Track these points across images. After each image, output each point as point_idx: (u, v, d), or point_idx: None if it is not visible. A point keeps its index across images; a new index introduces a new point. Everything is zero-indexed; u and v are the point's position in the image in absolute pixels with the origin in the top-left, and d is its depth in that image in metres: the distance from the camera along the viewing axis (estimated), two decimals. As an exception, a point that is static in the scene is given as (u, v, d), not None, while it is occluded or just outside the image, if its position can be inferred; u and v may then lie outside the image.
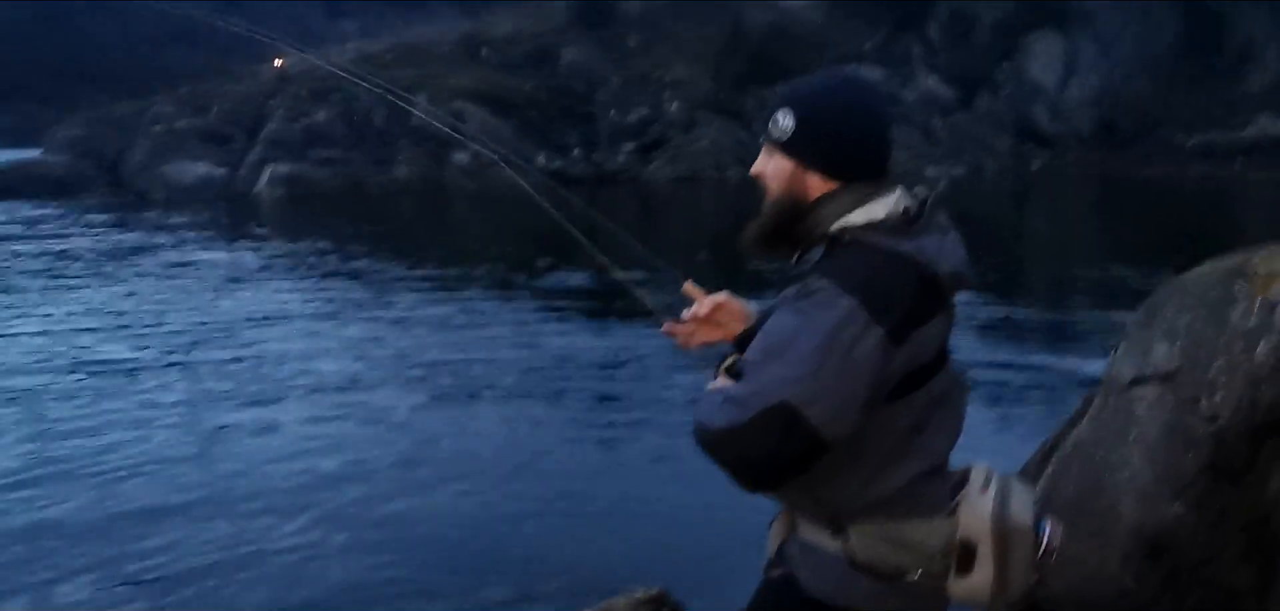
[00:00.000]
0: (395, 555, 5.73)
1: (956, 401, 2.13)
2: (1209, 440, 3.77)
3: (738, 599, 2.26)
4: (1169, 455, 3.86)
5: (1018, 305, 15.81)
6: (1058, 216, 30.53)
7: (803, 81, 2.18)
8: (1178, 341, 3.96)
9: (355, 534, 5.89)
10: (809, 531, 2.10)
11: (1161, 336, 4.03)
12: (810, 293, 1.92)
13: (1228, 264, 4.02)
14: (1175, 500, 3.82)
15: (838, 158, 2.05)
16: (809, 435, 1.86)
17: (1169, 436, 3.88)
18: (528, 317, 12.85)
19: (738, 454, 1.94)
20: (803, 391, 1.85)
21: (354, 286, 15.78)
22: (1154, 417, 3.95)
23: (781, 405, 1.85)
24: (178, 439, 7.69)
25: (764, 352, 1.93)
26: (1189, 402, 3.85)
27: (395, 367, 10.03)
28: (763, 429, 1.87)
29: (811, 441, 1.87)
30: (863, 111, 2.09)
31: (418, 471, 7.06)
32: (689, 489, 6.62)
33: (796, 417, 1.85)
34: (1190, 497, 3.80)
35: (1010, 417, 8.39)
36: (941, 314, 2.02)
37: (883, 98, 2.19)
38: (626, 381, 9.75)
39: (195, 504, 6.23)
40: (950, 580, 2.02)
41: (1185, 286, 4.10)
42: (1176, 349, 3.95)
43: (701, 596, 4.69)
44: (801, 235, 2.09)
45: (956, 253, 2.06)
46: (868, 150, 2.08)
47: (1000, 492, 2.04)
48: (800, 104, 2.08)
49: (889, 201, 2.03)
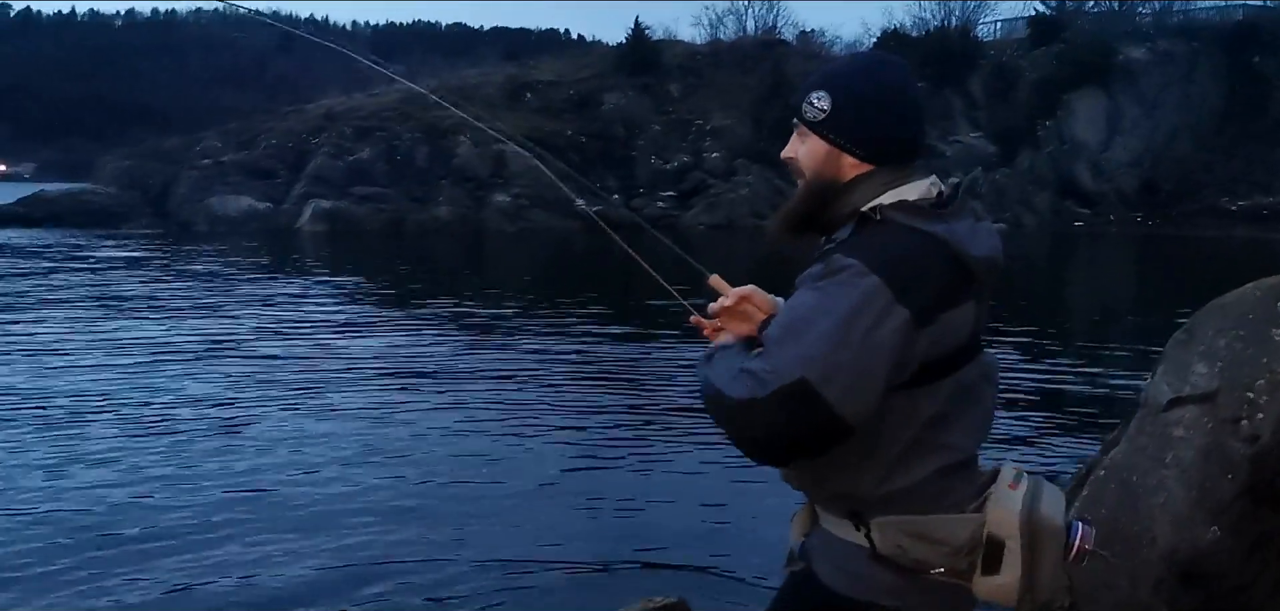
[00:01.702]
0: (416, 555, 5.74)
1: (985, 395, 2.05)
2: (1248, 463, 3.67)
3: (754, 607, 2.20)
4: (1206, 478, 3.76)
5: (1055, 334, 15.82)
6: (1099, 266, 30.31)
7: (836, 63, 2.16)
8: (1217, 362, 3.87)
9: (377, 534, 5.91)
10: (830, 523, 2.05)
11: (1200, 357, 3.93)
12: (835, 270, 1.87)
13: (1270, 283, 3.93)
14: (1212, 524, 3.71)
15: (872, 139, 2.02)
16: (826, 414, 1.80)
17: (1207, 459, 3.78)
18: (560, 343, 12.95)
19: (751, 427, 1.87)
20: (821, 370, 1.79)
21: (387, 312, 15.92)
22: (1192, 440, 3.85)
23: (799, 382, 1.80)
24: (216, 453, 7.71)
25: (784, 329, 1.88)
26: (1228, 424, 3.75)
27: (428, 387, 10.08)
28: (779, 405, 1.81)
29: (828, 421, 1.81)
30: (897, 92, 2.07)
31: (444, 482, 7.07)
32: (709, 500, 6.69)
33: (814, 396, 1.79)
34: (1227, 522, 3.69)
35: (1045, 443, 8.29)
36: (973, 300, 1.96)
37: (915, 81, 2.15)
38: (652, 401, 9.77)
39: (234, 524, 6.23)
40: (976, 578, 1.95)
41: (1225, 307, 4.01)
42: (1216, 369, 3.86)
43: (718, 605, 4.61)
44: (832, 218, 2.06)
45: (990, 239, 2.02)
46: (902, 131, 2.05)
47: (1030, 490, 1.98)
48: (835, 85, 2.06)
49: (922, 185, 2.00)
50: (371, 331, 14.21)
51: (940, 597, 1.98)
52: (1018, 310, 17.76)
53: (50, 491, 6.71)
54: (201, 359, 11.67)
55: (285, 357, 11.76)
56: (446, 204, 40.60)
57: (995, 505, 1.95)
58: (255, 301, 17.26)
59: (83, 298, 17.47)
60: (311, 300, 17.83)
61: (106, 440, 8.03)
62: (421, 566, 5.60)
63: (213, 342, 12.74)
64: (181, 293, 18.48)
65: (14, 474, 7.09)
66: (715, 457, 7.40)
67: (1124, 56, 47.97)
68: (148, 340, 12.94)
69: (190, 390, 9.90)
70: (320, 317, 15.51)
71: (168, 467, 7.29)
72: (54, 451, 7.64)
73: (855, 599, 1.99)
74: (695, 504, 6.64)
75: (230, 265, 24.21)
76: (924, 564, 1.94)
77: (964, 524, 1.94)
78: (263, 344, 12.73)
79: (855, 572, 1.99)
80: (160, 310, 16.01)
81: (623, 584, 5.14)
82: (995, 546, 1.93)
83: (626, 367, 11.58)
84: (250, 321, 14.80)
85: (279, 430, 8.39)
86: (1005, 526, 1.93)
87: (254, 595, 5.10)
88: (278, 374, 10.80)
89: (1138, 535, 3.88)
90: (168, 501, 6.55)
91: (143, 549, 5.72)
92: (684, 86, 50.34)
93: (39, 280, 20.24)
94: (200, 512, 6.33)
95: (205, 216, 39.53)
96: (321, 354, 12.13)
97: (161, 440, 8.07)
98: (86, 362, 11.31)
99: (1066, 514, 2.01)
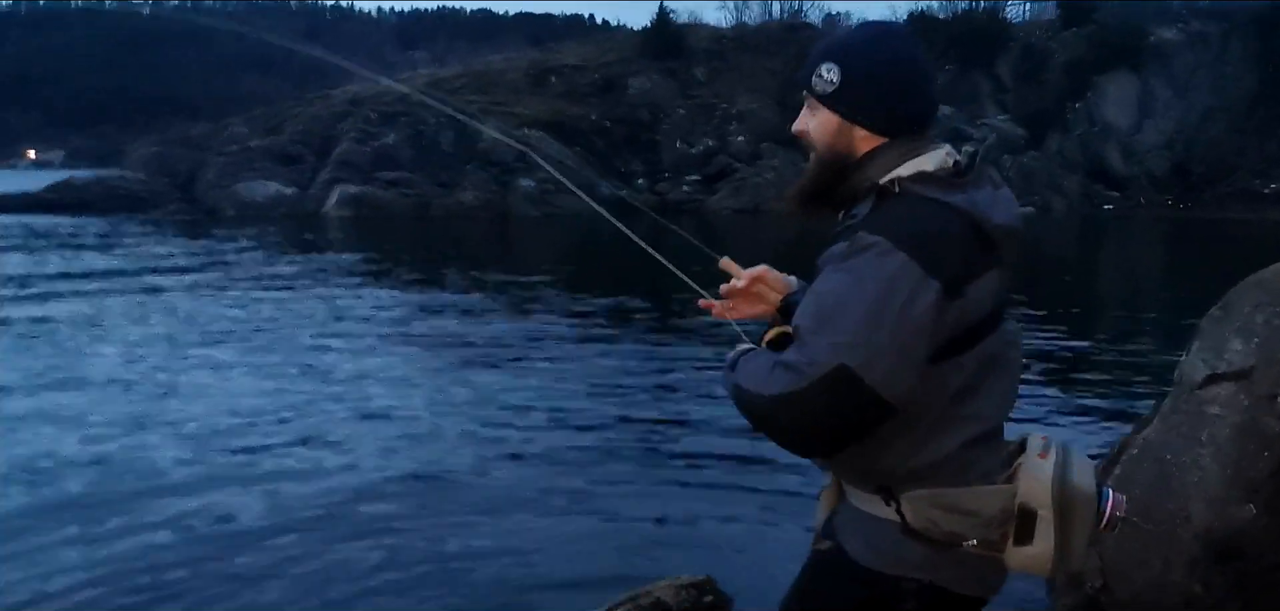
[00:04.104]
0: (437, 530, 5.79)
1: (1011, 364, 2.02)
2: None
3: (782, 585, 2.18)
4: (1242, 456, 3.70)
5: (1086, 312, 15.74)
6: (1130, 248, 30.07)
7: (845, 34, 2.12)
8: (1254, 338, 3.80)
9: (408, 513, 5.95)
10: (859, 499, 2.03)
11: (1236, 333, 3.87)
12: (860, 249, 1.84)
13: (1309, 258, 3.86)
14: (1247, 502, 3.65)
15: (884, 111, 1.99)
16: (870, 399, 1.79)
17: (1242, 436, 3.72)
18: (583, 329, 12.98)
19: (796, 421, 1.85)
20: (859, 354, 1.77)
21: (412, 297, 15.96)
22: (1227, 417, 3.79)
23: (840, 370, 1.78)
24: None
25: (816, 317, 1.85)
26: (1264, 400, 3.69)
27: (453, 374, 10.10)
28: (822, 395, 1.79)
29: (873, 405, 1.80)
30: (908, 63, 2.03)
31: (469, 460, 7.12)
32: (736, 480, 6.70)
33: (856, 382, 1.77)
34: (1263, 500, 3.63)
35: (1077, 422, 8.22)
36: (995, 269, 1.92)
37: (924, 50, 2.10)
38: (676, 384, 9.75)
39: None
40: (1008, 549, 1.92)
41: (1262, 282, 3.94)
42: (1253, 346, 3.80)
43: (745, 583, 4.59)
44: (846, 193, 2.03)
45: (1010, 207, 1.99)
46: (914, 103, 2.02)
47: (1061, 459, 1.95)
48: (844, 57, 2.02)
49: (938, 155, 1.97)
50: (400, 317, 14.26)
51: (972, 569, 1.96)
52: (1048, 288, 17.66)
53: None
54: (222, 344, 11.73)
55: (314, 345, 11.81)
56: (472, 189, 40.65)
57: (1026, 475, 1.92)
58: (280, 284, 17.35)
59: (113, 280, 17.62)
60: (337, 286, 17.88)
61: (121, 427, 8.07)
62: (443, 540, 5.63)
63: (231, 324, 12.83)
64: (207, 278, 18.57)
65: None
66: (741, 438, 7.38)
67: (1155, 37, 47.49)
68: (171, 324, 13.04)
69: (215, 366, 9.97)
70: (348, 305, 15.56)
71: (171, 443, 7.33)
72: (90, 442, 7.69)
73: (886, 573, 1.96)
74: (722, 483, 6.64)
75: (257, 249, 24.36)
76: (956, 536, 1.91)
77: (995, 495, 1.91)
78: (282, 330, 12.79)
79: (886, 547, 1.97)
80: (187, 296, 16.10)
81: (649, 561, 5.14)
82: (1027, 516, 1.90)
83: (652, 348, 11.59)
84: (273, 307, 14.87)
85: (318, 422, 8.41)
86: (1037, 496, 1.90)
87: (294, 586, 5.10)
88: (303, 359, 10.86)
89: (1172, 513, 3.82)
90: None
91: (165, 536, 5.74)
92: (709, 70, 50.22)
93: (67, 262, 20.46)
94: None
95: (232, 202, 39.78)
96: (351, 342, 12.17)
97: (186, 424, 8.12)
98: (115, 346, 11.40)
99: (1096, 478, 1.98)
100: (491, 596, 4.89)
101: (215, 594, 4.95)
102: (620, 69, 49.93)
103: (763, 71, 48.13)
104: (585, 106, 46.41)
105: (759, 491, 6.37)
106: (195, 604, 4.85)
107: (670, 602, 4.10)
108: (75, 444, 7.53)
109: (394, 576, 5.15)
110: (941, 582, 1.95)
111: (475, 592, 4.94)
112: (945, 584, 1.95)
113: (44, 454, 7.24)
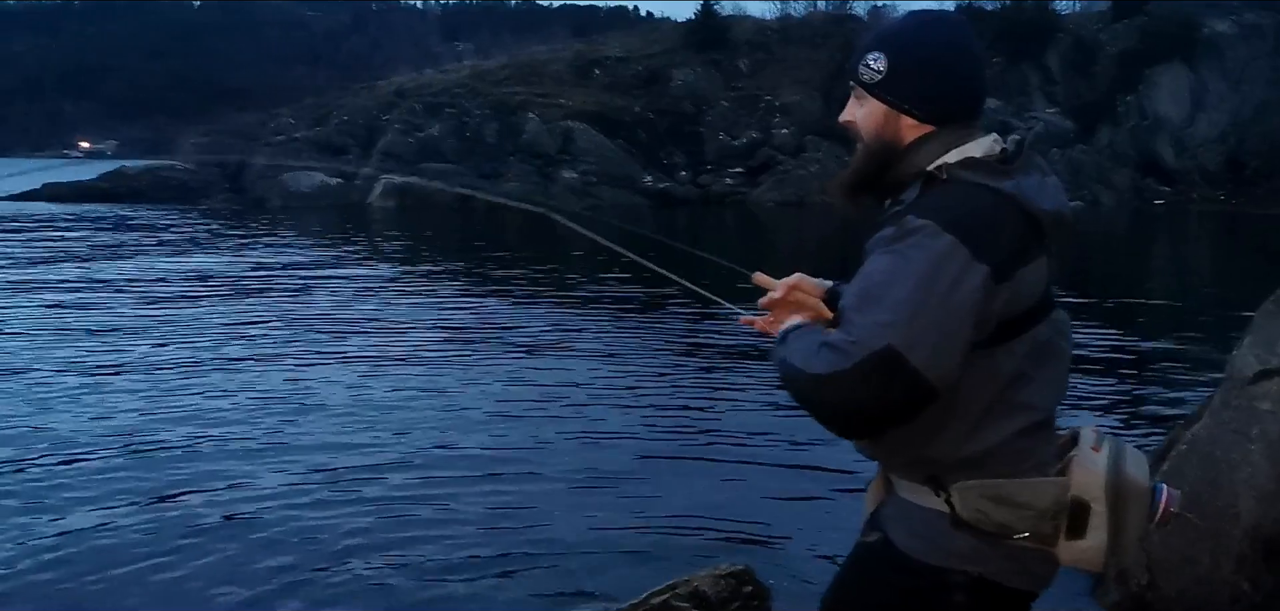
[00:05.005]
0: (480, 517, 5.81)
1: (1062, 353, 2.00)
2: (1338, 436, 3.53)
3: (822, 577, 2.17)
4: (1293, 452, 3.63)
5: (1135, 305, 15.53)
6: (1183, 242, 29.60)
7: (892, 23, 2.11)
8: (1307, 333, 3.73)
9: (453, 507, 5.95)
10: (907, 490, 2.00)
11: (1289, 327, 3.79)
12: (907, 231, 1.83)
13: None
14: (1299, 500, 3.58)
15: (931, 99, 1.98)
16: (914, 380, 1.77)
17: (1294, 433, 3.64)
18: (622, 317, 13.03)
19: (839, 401, 1.83)
20: (904, 335, 1.76)
21: (452, 284, 16.08)
22: (1278, 413, 3.72)
23: (885, 350, 1.76)
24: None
25: (861, 297, 1.84)
26: (1318, 397, 3.61)
27: (492, 361, 10.17)
28: (865, 376, 1.78)
29: (917, 387, 1.78)
30: (956, 51, 2.01)
31: (511, 451, 7.12)
32: (776, 470, 6.66)
33: (900, 363, 1.76)
34: (1316, 497, 3.56)
35: (1126, 417, 8.09)
36: (1044, 256, 1.91)
37: (974, 38, 2.09)
38: (716, 373, 9.72)
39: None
40: (1060, 542, 1.89)
41: (1316, 276, 3.86)
42: (1306, 341, 3.72)
43: (785, 574, 4.57)
44: (893, 182, 2.02)
45: (1057, 193, 1.97)
46: (962, 91, 2.00)
47: (1114, 452, 1.92)
48: (892, 46, 2.01)
49: (984, 143, 1.96)
50: (439, 303, 14.37)
51: (1023, 563, 1.93)
52: (1097, 281, 17.43)
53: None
54: (265, 336, 11.87)
55: (349, 330, 11.93)
56: (515, 180, 40.85)
57: (1080, 467, 1.89)
58: (327, 273, 17.55)
59: (168, 270, 17.91)
60: (381, 273, 18.06)
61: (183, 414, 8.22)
62: (480, 523, 5.67)
63: (277, 315, 12.98)
64: (251, 271, 18.83)
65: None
66: (783, 427, 7.36)
67: (1208, 29, 46.73)
68: (217, 313, 13.23)
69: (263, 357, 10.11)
70: (389, 291, 15.72)
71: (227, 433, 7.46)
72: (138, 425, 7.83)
73: (933, 565, 1.94)
74: (762, 474, 6.61)
75: (303, 240, 24.65)
76: (1007, 528, 1.89)
77: (1047, 487, 1.89)
78: (315, 314, 12.92)
79: (934, 538, 1.94)
80: (230, 286, 16.34)
81: (689, 552, 5.12)
82: (1081, 509, 1.88)
83: (692, 337, 11.58)
84: (327, 296, 15.05)
85: (357, 399, 8.52)
86: (1091, 489, 1.88)
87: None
88: (350, 344, 10.98)
89: (1220, 510, 3.76)
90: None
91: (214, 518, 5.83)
92: (753, 62, 50.08)
93: (122, 248, 20.84)
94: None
95: (279, 192, 40.27)
96: (392, 328, 12.28)
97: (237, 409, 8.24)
98: (164, 335, 11.58)
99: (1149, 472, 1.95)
100: (529, 581, 4.90)
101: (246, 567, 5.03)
102: (664, 61, 49.92)
103: (807, 64, 47.89)
104: (629, 98, 46.45)
105: (801, 482, 6.33)
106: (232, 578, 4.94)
107: (709, 592, 4.09)
108: (144, 417, 7.74)
109: (430, 559, 5.19)
110: (990, 575, 1.92)
111: (513, 577, 4.95)
112: (994, 576, 1.93)
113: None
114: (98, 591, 4.78)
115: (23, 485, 6.21)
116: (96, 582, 4.85)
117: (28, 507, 5.81)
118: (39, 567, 4.99)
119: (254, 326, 12.04)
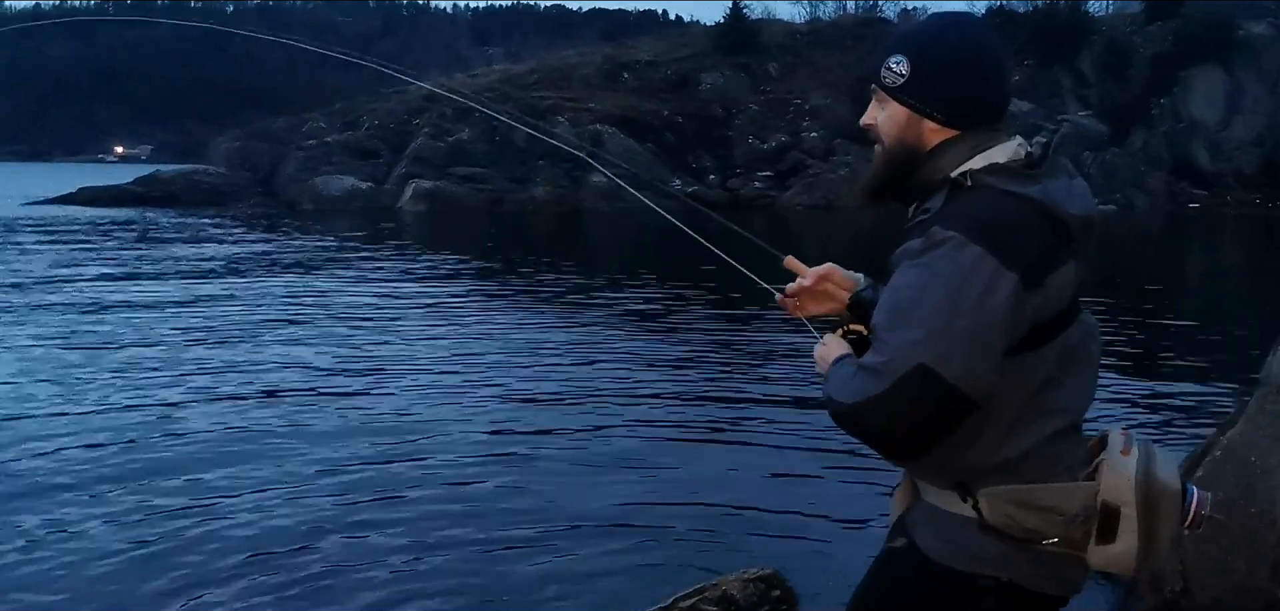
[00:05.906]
0: (508, 517, 5.84)
1: (1091, 357, 1.99)
2: (1378, 442, 3.47)
3: (850, 581, 2.16)
4: (1332, 458, 3.57)
5: (1169, 309, 15.38)
6: (1219, 246, 29.27)
7: (914, 25, 2.11)
8: (1345, 337, 3.67)
9: (479, 507, 5.99)
10: (934, 496, 1.99)
11: (1327, 332, 3.73)
12: (934, 244, 1.82)
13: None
14: (1337, 507, 3.52)
15: (954, 103, 1.96)
16: (949, 394, 1.76)
17: (1333, 439, 3.58)
18: (652, 318, 13.08)
19: (880, 424, 1.83)
20: (936, 350, 1.75)
21: (483, 285, 16.16)
22: (1316, 419, 3.66)
23: (919, 369, 1.76)
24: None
25: (892, 314, 1.83)
26: (1356, 402, 3.55)
27: (523, 359, 10.22)
28: (902, 396, 1.78)
29: (954, 400, 1.77)
30: (978, 53, 2.00)
31: (542, 449, 7.19)
32: (804, 475, 6.65)
33: (934, 378, 1.75)
34: (1355, 505, 3.50)
35: (1159, 422, 8.00)
36: (1072, 261, 1.90)
37: (996, 40, 2.07)
38: (748, 377, 9.69)
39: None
40: (1090, 547, 1.87)
41: (1355, 279, 3.80)
42: (1343, 345, 3.66)
43: (814, 579, 4.55)
44: (916, 186, 2.01)
45: (1085, 197, 1.95)
46: (985, 94, 1.98)
47: (1144, 455, 1.90)
48: (914, 49, 2.00)
49: (1009, 147, 1.95)
50: (470, 303, 14.47)
51: (1050, 568, 1.92)
52: (1130, 285, 17.25)
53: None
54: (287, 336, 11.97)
55: (381, 334, 12.00)
56: (544, 184, 40.99)
57: (1109, 471, 1.87)
58: (359, 274, 17.67)
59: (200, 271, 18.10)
60: (411, 274, 18.17)
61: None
62: (508, 523, 5.69)
63: (305, 317, 13.08)
64: (278, 272, 18.98)
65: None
66: (810, 433, 7.34)
67: (1244, 31, 46.16)
68: (245, 314, 13.34)
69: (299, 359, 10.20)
70: (417, 291, 15.81)
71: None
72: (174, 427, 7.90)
73: (960, 570, 1.93)
74: (790, 479, 6.60)
75: (335, 242, 24.85)
76: (1036, 534, 1.87)
77: (1076, 492, 1.87)
78: (348, 320, 13.01)
79: (961, 543, 1.93)
80: (266, 281, 16.47)
81: (715, 554, 5.11)
82: (1110, 514, 1.85)
83: (722, 339, 11.59)
84: (371, 293, 15.17)
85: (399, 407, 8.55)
86: (1120, 493, 1.85)
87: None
88: (385, 349, 11.05)
89: (1256, 517, 3.71)
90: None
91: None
92: (782, 66, 50.02)
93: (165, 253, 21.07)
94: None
95: (310, 196, 40.56)
96: (418, 326, 12.35)
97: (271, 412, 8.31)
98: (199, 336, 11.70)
99: (1180, 474, 1.93)
100: (556, 581, 4.90)
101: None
102: (693, 65, 49.94)
103: (837, 67, 47.73)
104: (658, 102, 46.48)
105: (830, 486, 6.33)
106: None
107: (737, 596, 4.08)
108: (190, 409, 7.93)
109: (455, 561, 5.20)
110: (1019, 581, 1.91)
111: (541, 576, 4.96)
112: (1022, 582, 1.91)
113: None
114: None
115: (29, 484, 6.27)
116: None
117: (31, 507, 5.86)
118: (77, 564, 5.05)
119: (275, 326, 12.19)
